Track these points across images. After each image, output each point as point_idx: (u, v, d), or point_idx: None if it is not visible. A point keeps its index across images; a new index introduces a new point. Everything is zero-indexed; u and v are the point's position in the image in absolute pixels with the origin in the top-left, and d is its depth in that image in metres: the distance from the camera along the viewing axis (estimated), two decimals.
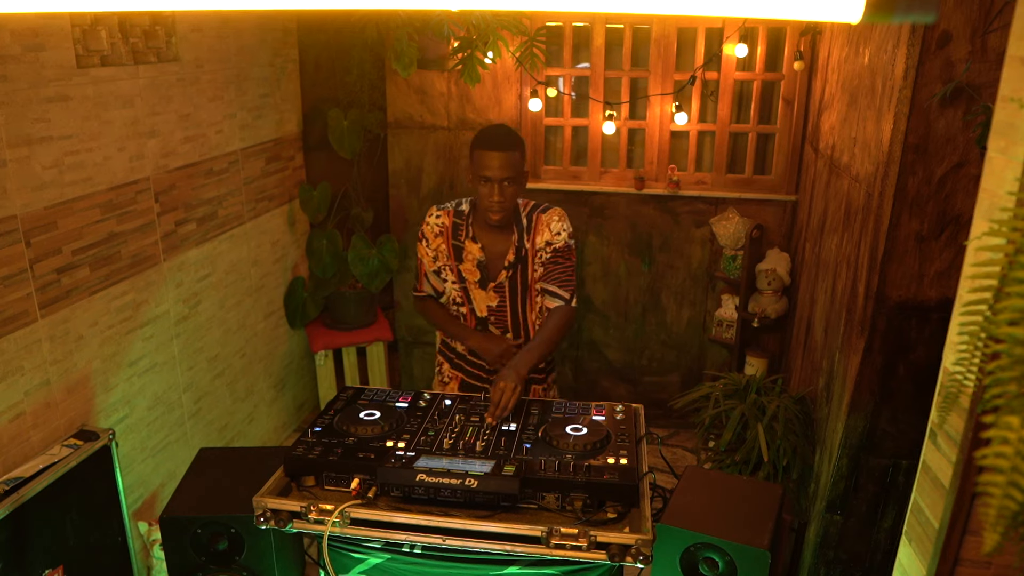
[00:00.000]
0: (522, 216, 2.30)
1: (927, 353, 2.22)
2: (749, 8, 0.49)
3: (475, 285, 2.31)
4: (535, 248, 2.29)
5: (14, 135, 2.15)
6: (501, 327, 2.36)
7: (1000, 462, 0.84)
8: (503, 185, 2.16)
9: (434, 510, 1.64)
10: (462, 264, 2.30)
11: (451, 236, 2.30)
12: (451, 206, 2.33)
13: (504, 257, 2.29)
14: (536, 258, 2.30)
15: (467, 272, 2.31)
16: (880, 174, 2.18)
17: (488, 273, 2.31)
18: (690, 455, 3.80)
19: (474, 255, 2.29)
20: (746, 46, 3.60)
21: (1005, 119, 1.01)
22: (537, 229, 2.29)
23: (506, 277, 2.30)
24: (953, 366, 1.02)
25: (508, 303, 2.33)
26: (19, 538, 2.01)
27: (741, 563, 1.65)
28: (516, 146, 2.17)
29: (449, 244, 2.31)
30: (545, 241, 2.29)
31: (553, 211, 2.31)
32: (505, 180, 2.15)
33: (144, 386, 2.79)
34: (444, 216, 2.32)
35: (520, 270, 2.30)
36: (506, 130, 2.22)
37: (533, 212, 2.30)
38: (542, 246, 2.29)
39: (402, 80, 3.86)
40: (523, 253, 2.29)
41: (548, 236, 2.29)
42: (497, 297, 2.32)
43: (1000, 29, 1.88)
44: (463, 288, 2.34)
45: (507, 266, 2.29)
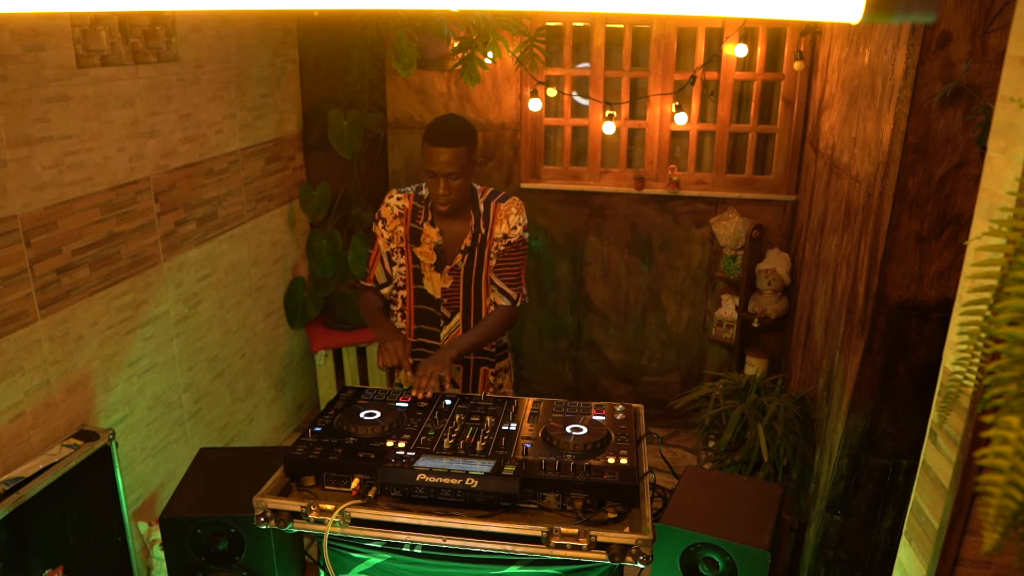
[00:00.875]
0: (479, 202, 2.34)
1: (927, 353, 2.22)
2: (749, 8, 0.49)
3: (430, 267, 2.35)
4: (492, 237, 2.34)
5: (14, 135, 2.15)
6: (453, 308, 2.40)
7: (1000, 462, 0.84)
8: (448, 179, 2.19)
9: (434, 510, 1.64)
10: (418, 247, 2.34)
11: (410, 219, 2.34)
12: (411, 190, 2.37)
13: (461, 241, 2.34)
14: (492, 248, 2.35)
15: (423, 255, 2.35)
16: (880, 174, 2.18)
17: (444, 256, 2.34)
18: (690, 455, 3.80)
19: (432, 239, 2.32)
20: (746, 46, 3.60)
21: (1005, 119, 1.01)
22: (495, 218, 2.33)
23: (462, 261, 2.34)
24: (953, 366, 1.02)
25: (462, 285, 2.37)
26: (19, 538, 2.01)
27: (741, 563, 1.65)
28: (463, 140, 2.19)
29: (407, 227, 2.34)
30: (502, 233, 2.33)
31: (512, 201, 2.35)
32: (451, 174, 2.19)
33: (144, 386, 2.79)
34: (405, 199, 2.35)
35: (477, 254, 2.34)
36: (455, 124, 2.24)
37: (491, 199, 2.34)
38: (499, 237, 2.34)
39: (402, 80, 3.86)
40: (479, 239, 2.33)
41: (506, 228, 2.33)
42: (451, 279, 2.36)
43: (1000, 29, 1.88)
44: (414, 270, 2.37)
45: (463, 250, 2.34)
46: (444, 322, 2.42)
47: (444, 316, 2.41)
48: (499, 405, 2.01)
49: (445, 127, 2.22)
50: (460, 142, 2.19)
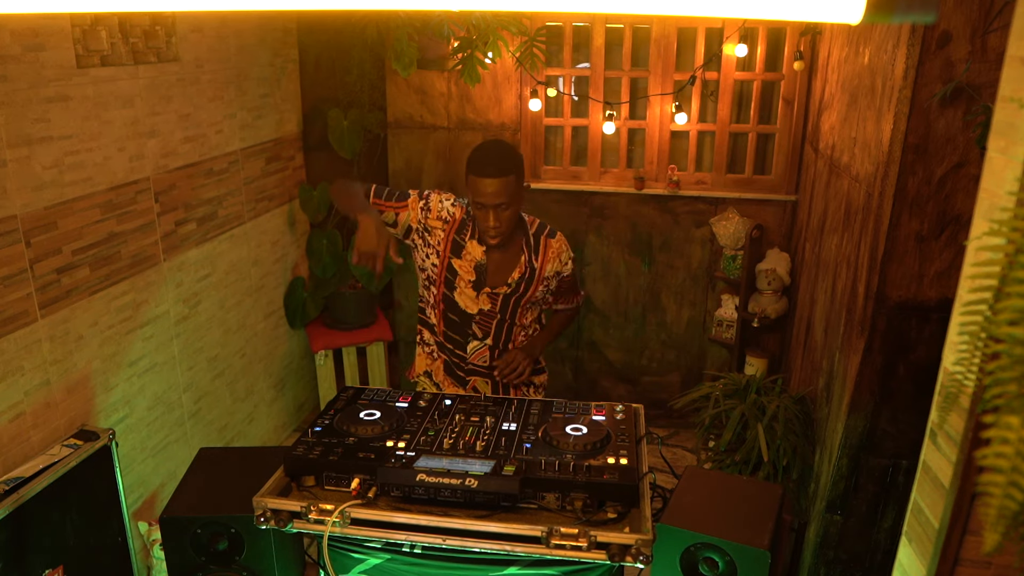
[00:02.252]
0: (530, 235, 2.29)
1: (927, 353, 2.22)
2: (749, 8, 0.49)
3: (468, 284, 2.29)
4: (542, 274, 2.30)
5: (14, 135, 2.15)
6: (484, 330, 2.34)
7: (1000, 462, 0.84)
8: (498, 210, 2.12)
9: (434, 510, 1.63)
10: (458, 260, 2.27)
11: (455, 230, 2.26)
12: (464, 203, 2.26)
13: (509, 270, 2.28)
14: (542, 284, 2.32)
15: (461, 268, 2.27)
16: (880, 174, 2.18)
17: (484, 278, 2.27)
18: (690, 455, 3.80)
19: (474, 257, 2.25)
20: (746, 46, 3.60)
21: (1005, 119, 1.01)
22: (546, 255, 2.29)
23: (509, 291, 2.29)
24: (953, 366, 1.02)
25: (499, 312, 2.32)
26: (19, 538, 2.01)
27: (741, 563, 1.65)
28: (511, 169, 2.10)
29: (450, 237, 2.26)
30: (555, 271, 2.32)
31: (559, 238, 2.34)
32: (500, 205, 2.11)
33: (144, 386, 2.79)
34: (457, 210, 2.26)
35: (524, 287, 2.30)
36: (500, 152, 2.14)
37: (540, 234, 2.31)
38: (551, 274, 2.32)
39: (402, 80, 3.86)
40: (528, 273, 2.29)
41: (558, 266, 2.33)
42: (490, 303, 2.30)
43: (1000, 29, 1.88)
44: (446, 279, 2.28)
45: (511, 282, 2.28)
46: (472, 339, 2.36)
47: (474, 335, 2.35)
48: (499, 405, 2.01)
49: (491, 156, 2.11)
50: (508, 171, 2.09)
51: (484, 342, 2.36)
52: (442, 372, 2.45)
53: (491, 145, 2.19)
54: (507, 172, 2.09)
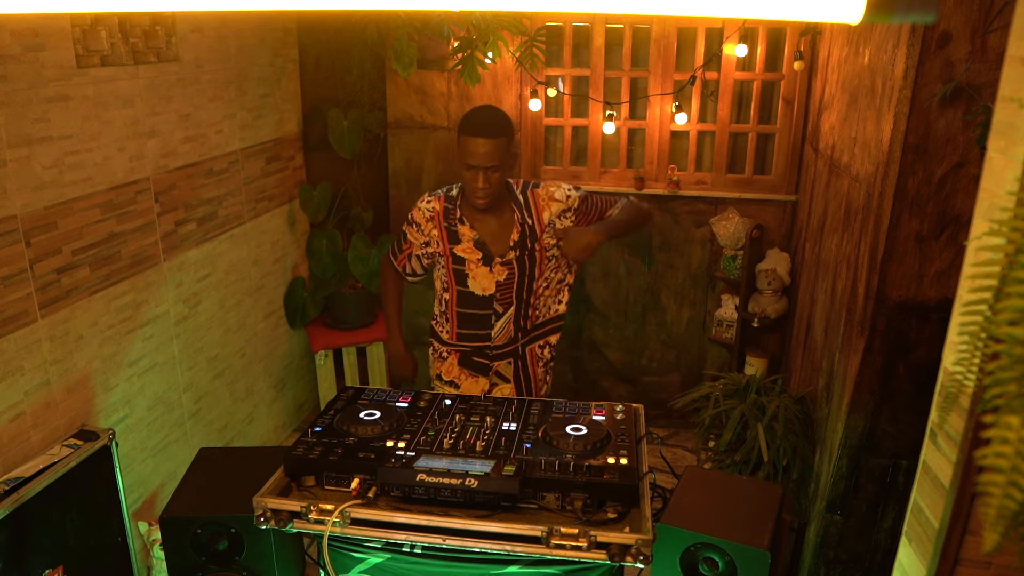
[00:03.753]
0: (516, 194, 2.33)
1: (927, 353, 2.22)
2: (749, 8, 0.49)
3: (478, 264, 2.32)
4: (543, 224, 2.31)
5: (14, 135, 2.15)
6: (505, 303, 2.36)
7: (1000, 462, 0.84)
8: (488, 172, 2.16)
9: (434, 510, 1.64)
10: (458, 246, 2.31)
11: (442, 220, 2.32)
12: (442, 192, 2.36)
13: (507, 235, 2.31)
14: (546, 232, 2.31)
15: (465, 252, 2.31)
16: (880, 174, 2.18)
17: (490, 250, 2.31)
18: (690, 455, 3.80)
19: (469, 236, 2.30)
20: (746, 46, 3.60)
21: (1005, 119, 1.01)
22: (539, 205, 2.31)
23: (515, 255, 2.31)
24: (953, 366, 1.02)
25: (516, 277, 2.34)
26: (19, 538, 2.01)
27: (741, 563, 1.65)
28: (502, 132, 2.17)
29: (441, 228, 2.32)
30: (559, 211, 2.31)
31: (545, 184, 2.34)
32: (490, 167, 2.16)
33: (144, 386, 2.79)
34: (435, 201, 2.34)
35: (530, 246, 2.32)
36: (493, 114, 2.20)
37: (526, 190, 2.33)
38: (557, 215, 2.31)
39: (402, 80, 3.86)
40: (528, 230, 2.31)
41: (560, 204, 2.31)
42: (506, 271, 2.33)
43: (1000, 29, 1.88)
44: (455, 272, 2.34)
45: (513, 245, 2.31)
46: (496, 318, 2.38)
47: (496, 312, 2.37)
48: (499, 405, 2.01)
49: (483, 118, 2.18)
50: (499, 133, 2.16)
51: (508, 315, 2.38)
52: (456, 368, 2.47)
53: (483, 108, 2.25)
54: (498, 134, 2.15)
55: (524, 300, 2.38)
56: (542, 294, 2.41)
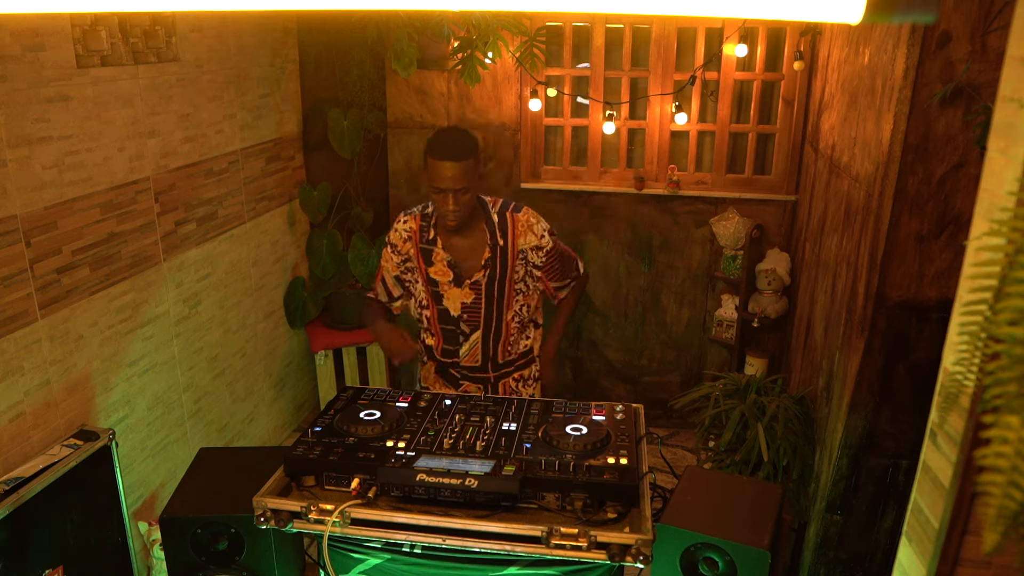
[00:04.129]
0: (492, 213, 2.29)
1: (927, 353, 2.22)
2: (749, 8, 0.49)
3: (449, 285, 2.30)
4: (516, 249, 2.29)
5: (14, 135, 2.15)
6: (472, 325, 2.34)
7: (1000, 462, 0.84)
8: (456, 194, 2.14)
9: (434, 510, 1.64)
10: (432, 267, 2.30)
11: (418, 240, 2.30)
12: (417, 210, 2.33)
13: (479, 255, 2.28)
14: (518, 260, 2.30)
15: (438, 273, 2.30)
16: (880, 174, 2.18)
17: (461, 270, 2.29)
18: (690, 455, 3.80)
19: (442, 256, 2.28)
20: (746, 46, 3.60)
21: (1005, 119, 1.01)
22: (516, 230, 2.28)
23: (483, 276, 2.29)
24: (953, 366, 1.02)
25: (484, 299, 2.31)
26: (19, 538, 2.01)
27: (741, 563, 1.65)
28: (468, 153, 2.14)
29: (417, 248, 2.30)
30: (532, 245, 2.30)
31: (526, 211, 2.32)
32: (459, 190, 2.13)
33: (144, 386, 2.79)
34: (411, 220, 2.32)
35: (499, 267, 2.29)
36: (458, 136, 2.17)
37: (505, 210, 2.30)
38: (530, 248, 2.30)
39: (402, 80, 3.86)
40: (499, 252, 2.28)
41: (534, 239, 2.30)
42: (473, 294, 2.31)
43: (1000, 29, 1.88)
44: (432, 292, 2.33)
45: (483, 264, 2.28)
46: (463, 339, 2.36)
47: (464, 333, 2.35)
48: (499, 405, 2.01)
49: (448, 141, 2.15)
50: (465, 155, 2.13)
51: (474, 337, 2.36)
52: (433, 374, 2.46)
53: (449, 131, 2.22)
54: (465, 156, 2.12)
55: (494, 327, 2.36)
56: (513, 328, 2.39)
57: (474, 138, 2.22)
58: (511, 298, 2.34)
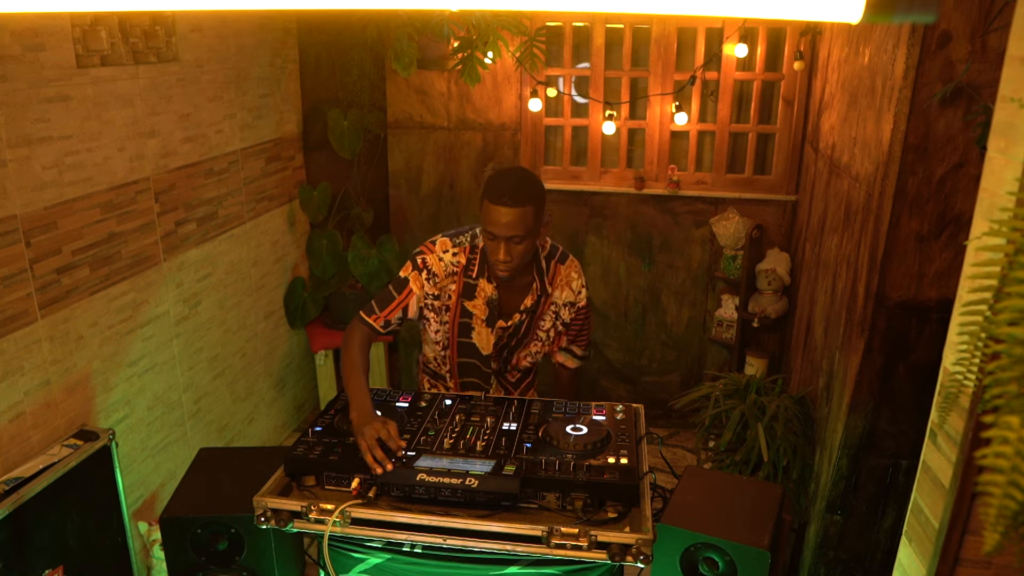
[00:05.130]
0: (541, 258, 2.12)
1: (927, 353, 2.22)
2: (749, 8, 0.49)
3: (482, 323, 2.13)
4: (550, 300, 2.15)
5: (14, 135, 2.15)
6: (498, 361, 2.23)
7: (1000, 462, 0.84)
8: (510, 243, 1.93)
9: (435, 510, 1.64)
10: (471, 301, 2.11)
11: (463, 274, 2.10)
12: (467, 241, 2.10)
13: (521, 299, 2.13)
14: (550, 311, 2.17)
15: (475, 308, 2.12)
16: (880, 174, 2.18)
17: (499, 311, 2.13)
18: (690, 455, 3.80)
19: (487, 293, 2.09)
20: (746, 46, 3.60)
21: (1005, 119, 1.01)
22: (556, 282, 2.14)
23: (520, 320, 2.15)
24: (953, 366, 1.02)
25: (506, 342, 2.19)
26: (19, 538, 2.01)
27: (741, 563, 1.65)
28: (529, 200, 1.91)
29: (461, 283, 2.09)
30: (567, 301, 2.16)
31: (571, 263, 2.18)
32: (513, 238, 1.92)
33: (144, 386, 2.79)
34: (460, 254, 2.08)
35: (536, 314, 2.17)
36: (522, 179, 1.95)
37: (551, 258, 2.15)
38: (563, 303, 2.17)
39: (402, 80, 3.86)
40: (540, 300, 2.14)
41: (571, 295, 2.16)
42: (501, 334, 2.16)
43: (1000, 29, 1.88)
44: (460, 324, 2.14)
45: (523, 310, 2.13)
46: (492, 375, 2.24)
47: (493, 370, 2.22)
48: (499, 405, 2.01)
49: (510, 183, 1.93)
50: (526, 201, 1.90)
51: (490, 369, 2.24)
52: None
53: (512, 172, 2.01)
54: (524, 202, 1.90)
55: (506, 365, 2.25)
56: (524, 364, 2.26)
57: (539, 184, 1.99)
58: (531, 342, 2.21)
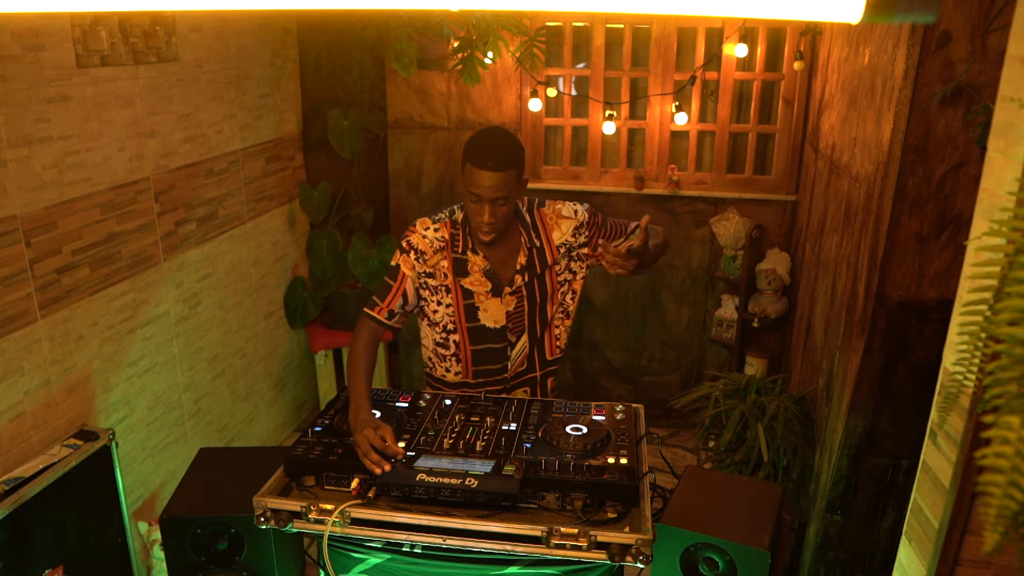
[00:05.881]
0: (523, 213, 2.12)
1: (927, 353, 2.22)
2: (749, 8, 0.49)
3: (487, 296, 2.10)
4: (554, 244, 2.13)
5: (14, 135, 2.15)
6: (518, 332, 2.17)
7: (1000, 462, 0.84)
8: (495, 205, 1.94)
9: (434, 510, 1.63)
10: (466, 278, 2.08)
11: (451, 251, 2.07)
12: (445, 216, 2.10)
13: (514, 259, 2.10)
14: (559, 253, 2.11)
15: (473, 284, 2.09)
16: (880, 174, 2.18)
17: (499, 279, 2.10)
18: (690, 455, 3.80)
19: (479, 265, 2.08)
20: (746, 46, 3.60)
21: (1005, 119, 1.01)
22: (547, 225, 2.11)
23: (523, 280, 2.11)
24: (953, 366, 1.02)
25: (527, 305, 2.14)
26: (19, 538, 2.01)
27: (741, 563, 1.65)
28: (511, 163, 1.93)
29: (450, 260, 2.08)
30: (571, 228, 2.11)
31: (549, 204, 2.15)
32: (497, 199, 1.93)
33: (144, 386, 2.79)
34: (443, 228, 2.07)
35: (539, 269, 2.13)
36: (501, 140, 1.97)
37: (531, 210, 2.13)
38: (567, 238, 2.12)
39: (402, 80, 3.86)
40: (535, 253, 2.11)
41: (569, 223, 2.11)
42: (515, 300, 2.12)
43: (1000, 29, 1.88)
44: (466, 306, 2.11)
45: (519, 269, 2.10)
46: (511, 348, 2.16)
47: (511, 342, 2.15)
48: (499, 405, 2.01)
49: (491, 145, 1.94)
50: (508, 164, 1.91)
51: (521, 343, 2.18)
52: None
53: (492, 133, 2.00)
54: (508, 166, 1.92)
55: (539, 327, 2.18)
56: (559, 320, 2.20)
57: (519, 144, 2.00)
58: (555, 292, 2.16)
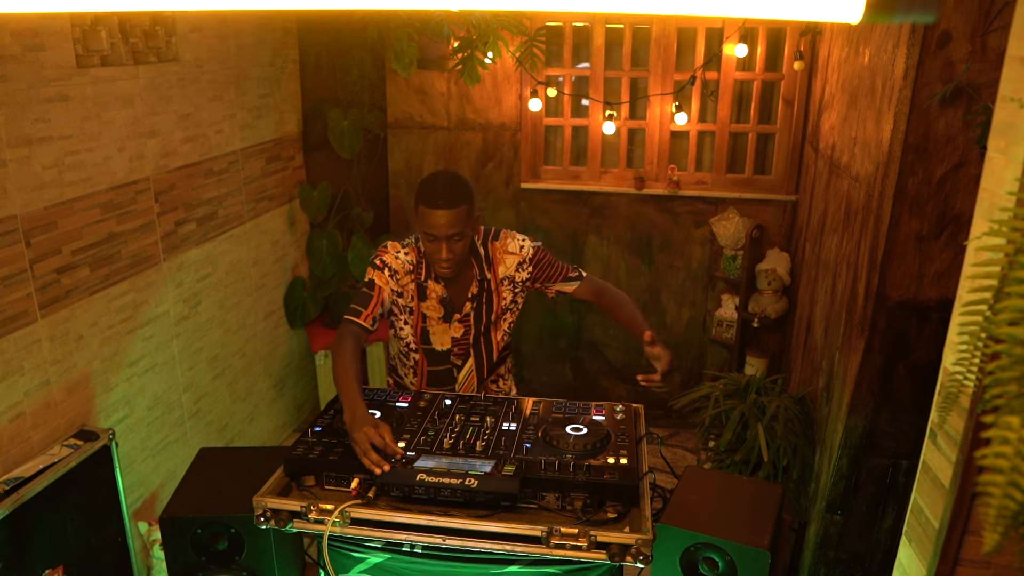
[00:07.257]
0: (478, 245, 2.18)
1: (927, 353, 2.22)
2: (749, 8, 0.49)
3: (438, 321, 2.19)
4: (498, 277, 2.19)
5: (14, 135, 2.15)
6: (463, 356, 2.24)
7: (1000, 462, 0.84)
8: (451, 241, 2.00)
9: (434, 510, 1.64)
10: (424, 303, 2.17)
11: (416, 274, 2.16)
12: (412, 242, 2.17)
13: (467, 289, 2.18)
14: (503, 286, 2.19)
15: (429, 309, 2.18)
16: (880, 174, 2.18)
17: (451, 307, 2.18)
18: (690, 455, 3.80)
19: (437, 293, 2.16)
20: (746, 46, 3.60)
21: (1005, 119, 1.01)
22: (495, 259, 2.18)
23: (471, 308, 2.19)
24: (953, 366, 1.02)
25: (472, 331, 2.22)
26: (19, 538, 2.01)
27: (741, 563, 1.65)
28: (462, 199, 1.99)
29: (415, 283, 2.16)
30: (515, 264, 2.18)
31: (503, 236, 2.20)
32: (452, 236, 2.00)
33: (144, 386, 2.79)
34: (412, 253, 2.14)
35: (485, 299, 2.20)
36: (449, 180, 2.04)
37: (485, 242, 2.19)
38: (510, 272, 2.19)
39: (402, 80, 3.86)
40: (486, 285, 2.18)
41: (514, 258, 2.18)
42: (462, 328, 2.20)
43: (1000, 29, 1.88)
44: (422, 330, 2.20)
45: (471, 297, 2.18)
46: (457, 371, 2.25)
47: (456, 365, 2.25)
48: (499, 405, 2.01)
49: (441, 185, 2.01)
50: (459, 201, 1.98)
51: (467, 366, 2.25)
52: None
53: (440, 175, 2.09)
54: (459, 202, 1.98)
55: (484, 353, 2.26)
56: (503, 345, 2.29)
57: (467, 183, 2.08)
58: (499, 320, 2.25)
